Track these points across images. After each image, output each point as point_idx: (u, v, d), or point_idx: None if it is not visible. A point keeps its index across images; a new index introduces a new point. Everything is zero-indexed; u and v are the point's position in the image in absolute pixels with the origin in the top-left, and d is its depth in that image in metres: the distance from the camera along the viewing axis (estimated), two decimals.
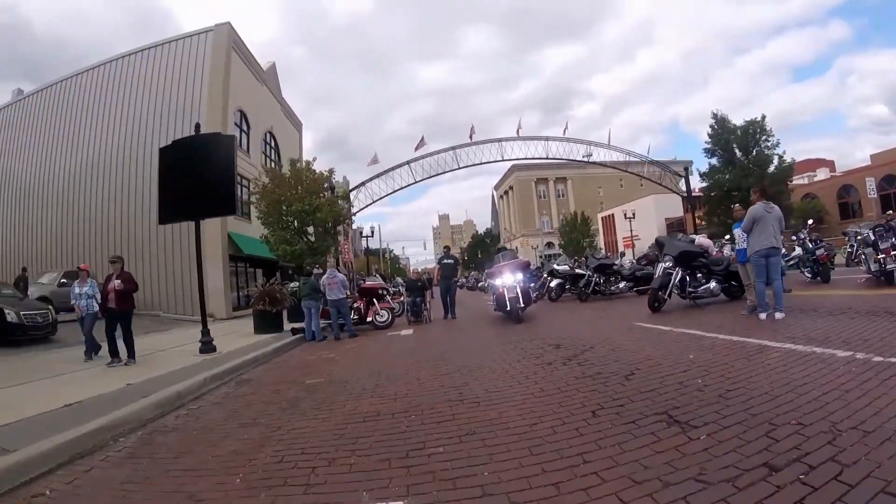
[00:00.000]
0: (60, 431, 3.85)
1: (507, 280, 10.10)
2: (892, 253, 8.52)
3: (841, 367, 3.69)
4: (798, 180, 34.21)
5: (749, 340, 5.19)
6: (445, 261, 13.35)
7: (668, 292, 8.73)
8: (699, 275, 9.00)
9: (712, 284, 8.95)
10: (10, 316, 10.76)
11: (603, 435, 2.90)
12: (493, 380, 4.81)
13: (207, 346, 8.65)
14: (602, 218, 64.70)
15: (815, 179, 39.01)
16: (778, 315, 6.43)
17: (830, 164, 50.63)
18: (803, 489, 1.95)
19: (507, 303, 9.88)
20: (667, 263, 8.76)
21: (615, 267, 14.40)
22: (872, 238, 9.12)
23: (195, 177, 8.85)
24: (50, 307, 12.42)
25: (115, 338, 7.88)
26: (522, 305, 9.90)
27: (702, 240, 11.34)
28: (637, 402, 3.46)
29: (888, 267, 8.60)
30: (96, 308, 8.31)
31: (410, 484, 2.52)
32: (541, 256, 52.37)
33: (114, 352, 7.80)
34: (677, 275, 8.71)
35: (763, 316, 6.52)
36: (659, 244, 10.17)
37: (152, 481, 3.03)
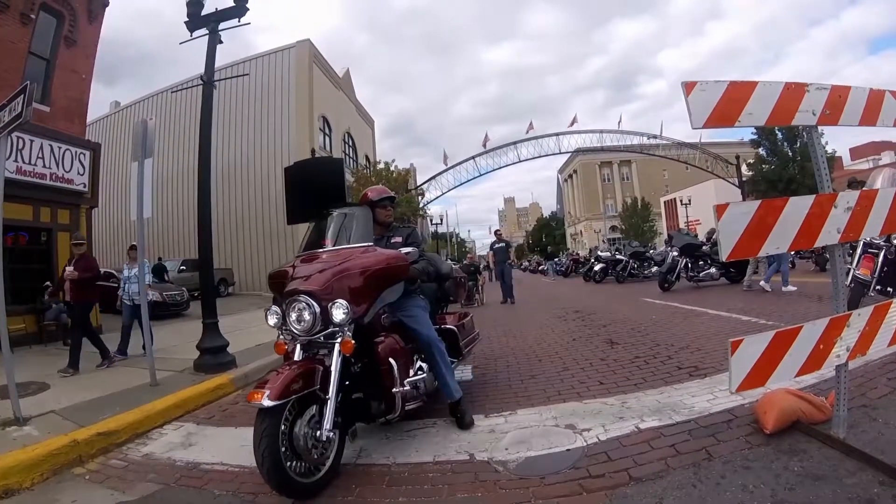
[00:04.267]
0: (261, 358, 6.63)
1: (300, 322, 2.89)
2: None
3: (729, 324, 6.22)
4: (861, 164, 34.01)
5: (697, 308, 7.79)
6: (498, 245, 14.08)
7: (675, 275, 11.13)
8: (701, 262, 11.30)
9: (712, 270, 11.23)
10: (155, 296, 14.09)
11: (578, 345, 5.81)
12: (529, 325, 7.64)
13: None
14: (665, 202, 64.67)
15: (880, 163, 38.16)
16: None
17: None
18: (645, 365, 4.62)
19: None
20: (674, 253, 11.19)
21: (648, 254, 16.65)
22: None
23: (314, 189, 11.98)
24: (184, 288, 16.17)
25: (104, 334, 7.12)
26: (328, 431, 2.60)
27: None
28: (600, 335, 6.32)
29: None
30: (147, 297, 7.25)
31: (502, 329, 5.44)
32: (604, 241, 53.53)
33: (103, 351, 6.64)
34: (682, 262, 11.08)
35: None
36: (669, 237, 12.49)
37: None
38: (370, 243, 3.37)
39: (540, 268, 38.23)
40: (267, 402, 2.44)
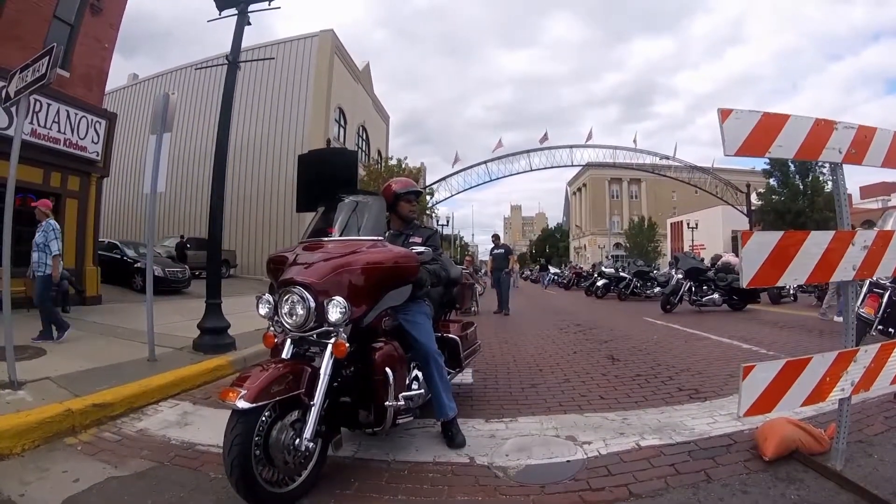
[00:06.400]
0: (261, 343, 6.71)
1: (292, 316, 2.65)
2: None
3: (730, 351, 6.24)
4: (871, 203, 34.02)
5: (699, 332, 7.82)
6: (496, 251, 12.97)
7: (678, 298, 11.15)
8: (705, 287, 11.32)
9: (715, 296, 11.25)
10: (157, 271, 14.23)
11: (579, 358, 5.82)
12: (529, 336, 7.66)
13: None
14: (671, 224, 64.62)
15: (889, 204, 38.08)
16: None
17: None
18: (646, 383, 4.65)
19: None
20: (679, 275, 11.21)
21: (651, 274, 16.65)
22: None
23: (326, 179, 12.00)
24: (185, 266, 16.21)
25: None
26: (308, 441, 2.37)
27: (730, 258, 13.41)
28: (602, 350, 6.34)
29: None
30: (46, 269, 6.20)
31: (502, 338, 5.44)
32: (608, 256, 53.60)
33: None
34: (686, 285, 11.09)
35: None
36: (675, 259, 12.50)
37: None
38: (380, 237, 3.06)
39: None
40: (242, 404, 2.16)
